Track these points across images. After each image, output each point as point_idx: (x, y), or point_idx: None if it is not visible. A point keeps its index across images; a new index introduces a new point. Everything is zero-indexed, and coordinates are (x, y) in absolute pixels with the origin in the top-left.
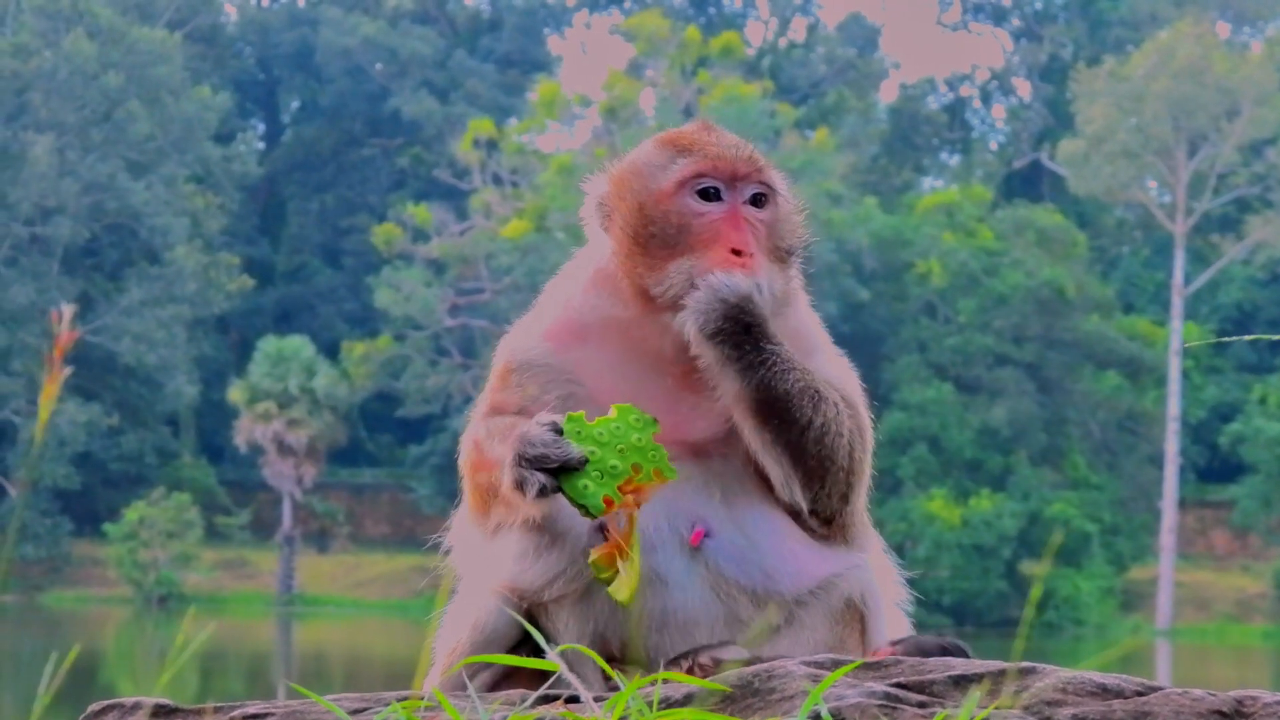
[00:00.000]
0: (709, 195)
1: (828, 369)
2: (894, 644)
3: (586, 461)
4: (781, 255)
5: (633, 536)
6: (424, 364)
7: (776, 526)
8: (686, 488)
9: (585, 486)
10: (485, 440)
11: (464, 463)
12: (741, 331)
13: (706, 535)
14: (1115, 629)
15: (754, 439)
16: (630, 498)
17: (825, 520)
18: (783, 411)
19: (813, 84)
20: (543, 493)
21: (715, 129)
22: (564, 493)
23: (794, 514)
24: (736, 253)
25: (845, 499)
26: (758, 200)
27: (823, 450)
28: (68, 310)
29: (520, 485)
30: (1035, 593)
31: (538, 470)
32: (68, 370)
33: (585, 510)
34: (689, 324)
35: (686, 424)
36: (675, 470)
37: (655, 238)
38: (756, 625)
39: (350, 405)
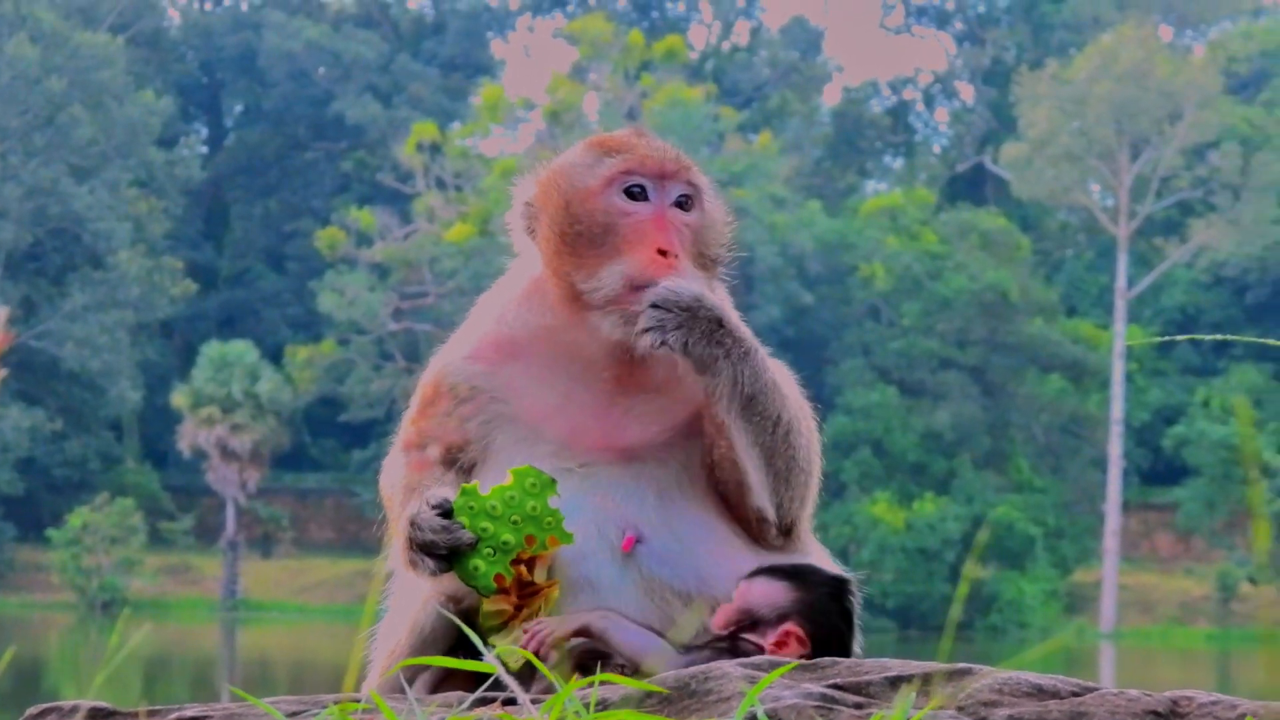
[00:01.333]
0: (636, 194)
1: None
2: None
3: (477, 542)
4: (706, 262)
5: (538, 607)
6: (368, 368)
7: (712, 530)
8: (619, 493)
9: (476, 567)
10: (393, 491)
11: (382, 492)
12: (716, 326)
13: (638, 541)
14: (1059, 632)
15: (739, 439)
16: (523, 568)
17: (785, 530)
18: (763, 406)
19: (756, 87)
20: (435, 574)
21: (646, 133)
22: (455, 573)
23: (746, 523)
24: (663, 253)
25: (803, 503)
26: (684, 203)
27: (789, 449)
28: (2, 312)
29: (413, 566)
30: (962, 589)
31: (427, 556)
32: (4, 372)
33: (477, 590)
34: (650, 339)
35: (619, 429)
36: (572, 535)
37: (582, 236)
38: (683, 620)
39: (294, 410)
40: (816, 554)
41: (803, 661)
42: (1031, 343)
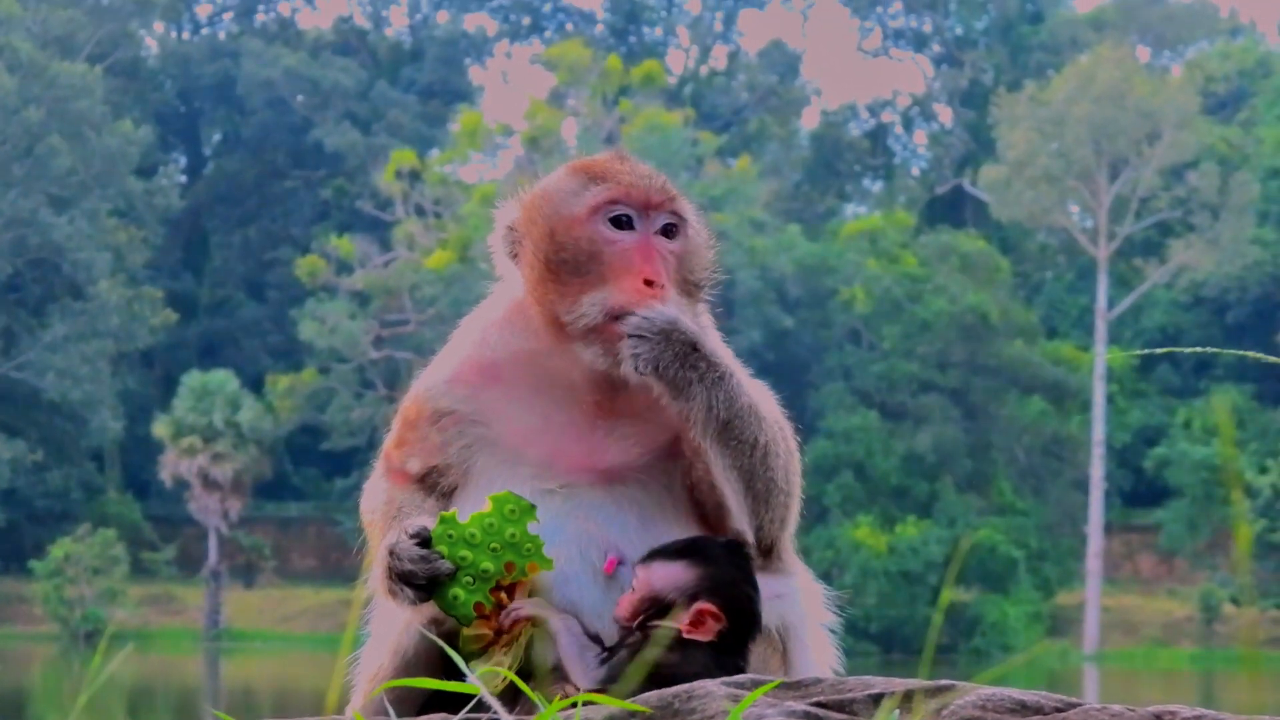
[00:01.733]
0: (621, 223)
1: (754, 395)
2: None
3: (457, 570)
4: (690, 289)
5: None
6: (349, 396)
7: None
8: (600, 516)
9: (455, 596)
10: (373, 517)
11: (363, 517)
12: (690, 350)
13: (620, 563)
14: (1042, 655)
15: (716, 462)
16: (503, 595)
17: (765, 551)
18: (740, 430)
19: (734, 111)
20: (415, 603)
21: (629, 158)
22: (435, 602)
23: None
24: (649, 283)
25: (783, 524)
26: (669, 230)
27: (768, 471)
28: None
29: (392, 595)
30: (945, 597)
31: (407, 586)
32: None
33: (457, 619)
34: (629, 366)
35: (601, 452)
36: (552, 561)
37: (566, 264)
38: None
39: (275, 439)
40: (800, 573)
41: (785, 680)
42: (1012, 365)
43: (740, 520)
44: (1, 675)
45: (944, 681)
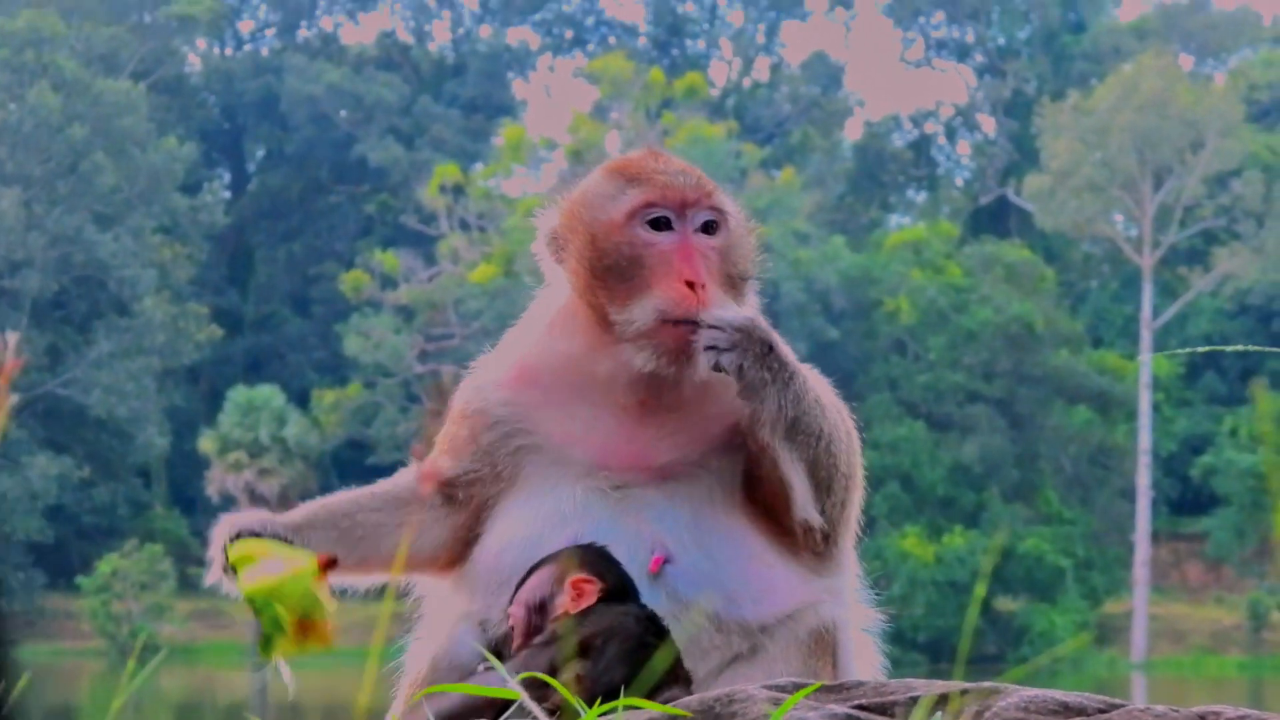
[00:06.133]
0: (660, 225)
1: (816, 386)
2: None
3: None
4: (735, 281)
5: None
6: (394, 410)
7: (745, 548)
8: (648, 514)
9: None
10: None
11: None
12: (767, 351)
13: (666, 561)
14: (1091, 663)
15: (782, 457)
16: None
17: (825, 535)
18: (806, 424)
19: (777, 123)
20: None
21: (663, 155)
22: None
23: (790, 533)
24: (690, 285)
25: (844, 506)
26: (709, 227)
27: (831, 459)
28: (12, 337)
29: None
30: (978, 592)
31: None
32: (14, 398)
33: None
34: (707, 364)
35: (651, 449)
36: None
37: (610, 270)
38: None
39: (321, 453)
40: (852, 570)
41: (826, 683)
42: (1057, 374)
43: (805, 509)
44: (50, 691)
45: (986, 684)
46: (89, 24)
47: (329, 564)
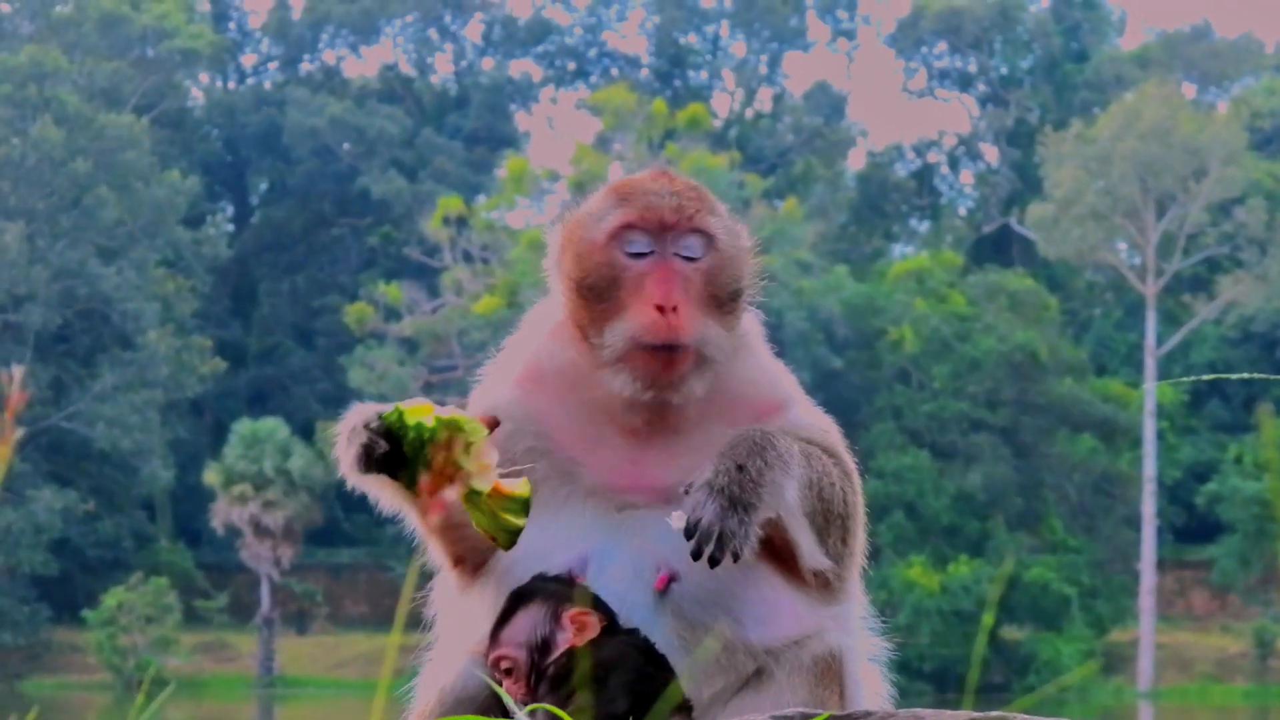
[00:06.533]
0: (639, 247)
1: (806, 420)
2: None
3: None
4: (723, 303)
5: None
6: None
7: (751, 571)
8: (655, 533)
9: (410, 472)
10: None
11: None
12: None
13: (672, 579)
14: (1097, 692)
15: (788, 522)
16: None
17: (826, 576)
18: (809, 481)
19: (780, 153)
20: (378, 471)
21: (668, 175)
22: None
23: (797, 571)
24: (660, 309)
25: (844, 542)
26: (693, 249)
27: (834, 504)
28: (17, 371)
29: (361, 468)
30: (986, 620)
31: (368, 458)
32: (19, 431)
33: (409, 491)
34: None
35: (654, 471)
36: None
37: (592, 290)
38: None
39: (326, 485)
40: (858, 599)
41: (834, 713)
42: (1062, 402)
43: (811, 558)
44: None
45: (994, 713)
46: (91, 59)
47: (493, 424)
